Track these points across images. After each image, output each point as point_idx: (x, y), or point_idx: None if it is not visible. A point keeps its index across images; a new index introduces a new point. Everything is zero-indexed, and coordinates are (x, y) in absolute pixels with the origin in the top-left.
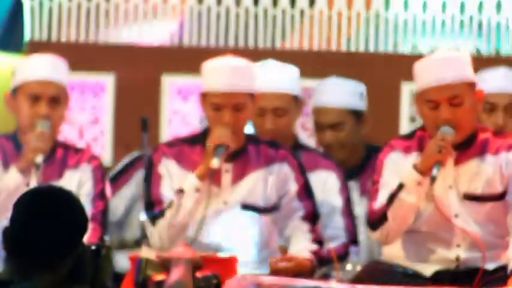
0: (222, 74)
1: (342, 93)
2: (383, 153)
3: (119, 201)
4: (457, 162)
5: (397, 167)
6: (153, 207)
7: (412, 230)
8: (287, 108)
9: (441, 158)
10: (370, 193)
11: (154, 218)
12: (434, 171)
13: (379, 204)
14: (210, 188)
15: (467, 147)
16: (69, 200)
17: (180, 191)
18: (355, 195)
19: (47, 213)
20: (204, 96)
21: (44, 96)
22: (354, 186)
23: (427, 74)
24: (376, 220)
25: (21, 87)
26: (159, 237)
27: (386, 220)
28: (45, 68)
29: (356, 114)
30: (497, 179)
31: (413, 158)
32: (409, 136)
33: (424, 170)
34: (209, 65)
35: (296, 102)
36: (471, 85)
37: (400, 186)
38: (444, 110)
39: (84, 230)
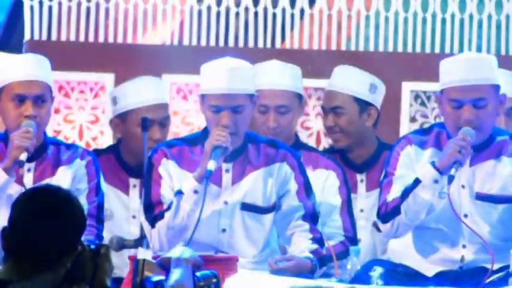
0: (220, 76)
1: (348, 79)
2: (399, 146)
3: None
4: (473, 162)
5: (412, 162)
6: (153, 208)
7: (420, 225)
8: (290, 106)
9: (460, 158)
10: (381, 185)
11: (153, 220)
12: (453, 171)
13: (392, 196)
14: (206, 190)
15: (484, 148)
16: (67, 199)
17: (179, 193)
18: (362, 190)
19: (46, 212)
20: (203, 98)
21: (29, 96)
22: (361, 180)
23: (453, 73)
24: (389, 212)
25: (5, 89)
26: (159, 239)
27: (398, 213)
28: (28, 67)
29: (361, 104)
30: (511, 181)
31: (429, 153)
32: (426, 131)
33: (442, 169)
34: (207, 67)
35: (299, 100)
36: (496, 88)
37: (416, 182)
38: (467, 110)
39: (82, 229)
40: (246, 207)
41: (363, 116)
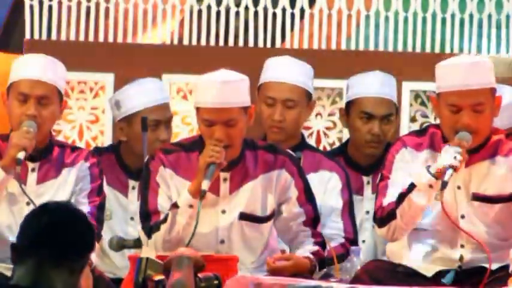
0: (212, 89)
1: (389, 86)
2: (394, 149)
3: None
4: (468, 163)
5: (407, 164)
6: (150, 218)
7: (418, 227)
8: (297, 101)
9: (455, 164)
10: (378, 188)
11: (150, 230)
12: (447, 177)
13: (388, 201)
14: (199, 210)
15: (480, 148)
16: (76, 217)
17: (175, 206)
18: (368, 192)
19: (56, 226)
20: (197, 111)
21: (33, 95)
22: (368, 182)
23: (452, 78)
24: (385, 217)
25: (12, 86)
26: (155, 249)
27: (394, 218)
28: (36, 67)
29: (397, 109)
30: (507, 181)
31: (424, 155)
32: (422, 132)
33: (437, 174)
34: (202, 80)
35: (307, 98)
36: (492, 91)
37: (411, 186)
38: (466, 115)
39: (90, 247)
40: (245, 217)
41: (396, 120)
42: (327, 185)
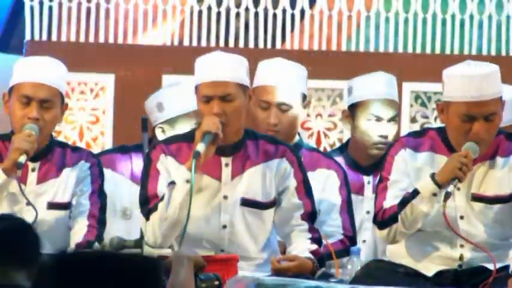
0: (209, 65)
1: (394, 87)
2: (393, 150)
3: None
4: None
5: (406, 165)
6: (149, 202)
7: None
8: (291, 105)
9: (460, 175)
10: (377, 189)
11: (148, 213)
12: (451, 187)
13: (389, 203)
14: (194, 170)
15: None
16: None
17: (172, 183)
18: (369, 191)
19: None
20: (196, 91)
21: (35, 98)
22: (368, 182)
23: (465, 89)
24: (386, 220)
25: (15, 88)
26: (152, 232)
27: (396, 222)
28: (39, 70)
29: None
30: (506, 181)
31: (424, 157)
32: (420, 134)
33: (441, 183)
34: (199, 60)
35: (302, 100)
36: (501, 98)
37: (415, 193)
38: (479, 125)
39: (34, 257)
40: (246, 202)
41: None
42: (325, 183)
